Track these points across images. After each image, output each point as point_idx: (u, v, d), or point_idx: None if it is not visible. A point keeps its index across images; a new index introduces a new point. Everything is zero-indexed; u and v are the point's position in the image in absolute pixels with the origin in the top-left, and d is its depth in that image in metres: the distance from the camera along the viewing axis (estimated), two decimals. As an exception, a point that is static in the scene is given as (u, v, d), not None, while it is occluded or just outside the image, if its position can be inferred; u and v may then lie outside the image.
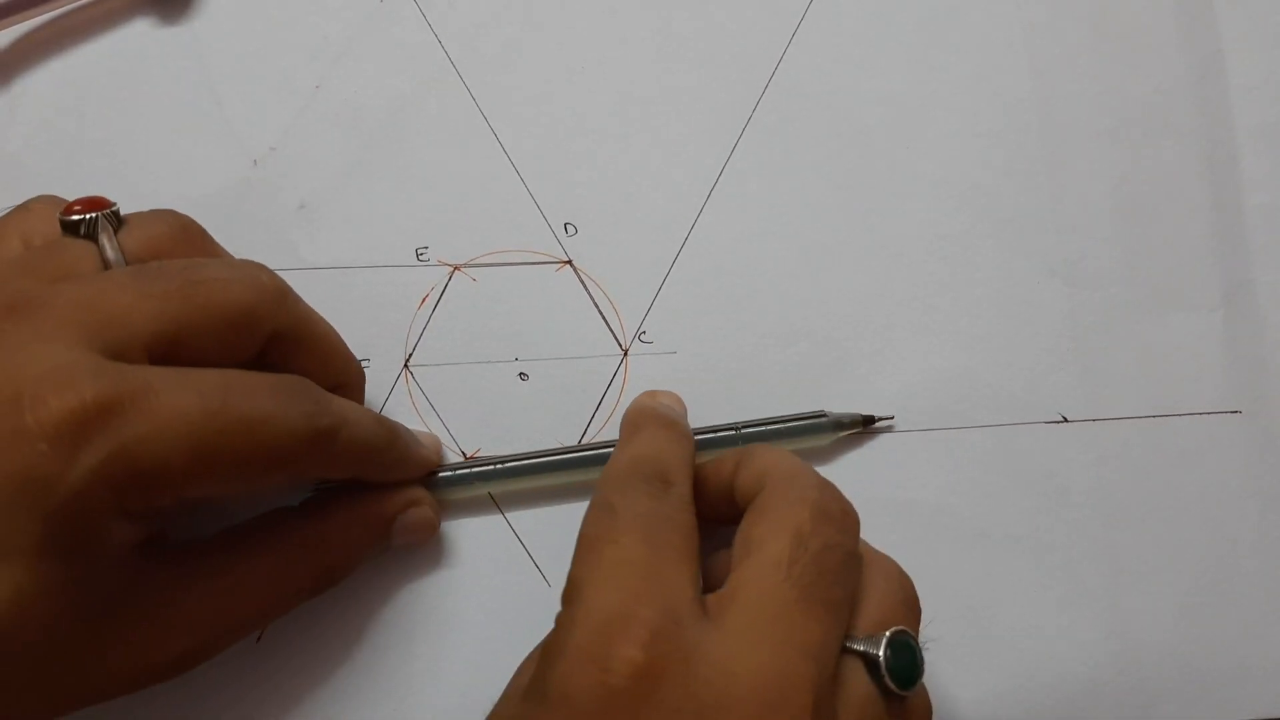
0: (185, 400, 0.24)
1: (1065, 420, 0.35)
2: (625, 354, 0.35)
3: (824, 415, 0.34)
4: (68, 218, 0.27)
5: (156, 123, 0.35)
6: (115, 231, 0.27)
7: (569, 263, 0.35)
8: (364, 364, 0.34)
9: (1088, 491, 0.35)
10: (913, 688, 0.25)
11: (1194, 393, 0.35)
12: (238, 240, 0.34)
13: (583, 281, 0.35)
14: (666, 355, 0.35)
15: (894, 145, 0.36)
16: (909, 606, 0.27)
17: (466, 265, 0.35)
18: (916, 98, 0.36)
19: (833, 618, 0.25)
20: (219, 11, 0.35)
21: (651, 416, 0.31)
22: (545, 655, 0.24)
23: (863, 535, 0.34)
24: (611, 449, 0.32)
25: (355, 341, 0.34)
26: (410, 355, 0.34)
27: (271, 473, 0.26)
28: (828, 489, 0.27)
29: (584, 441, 0.34)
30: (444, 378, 0.34)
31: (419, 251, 0.35)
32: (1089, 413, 0.35)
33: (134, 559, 0.25)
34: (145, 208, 0.34)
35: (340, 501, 0.30)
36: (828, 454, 0.34)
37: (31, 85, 0.35)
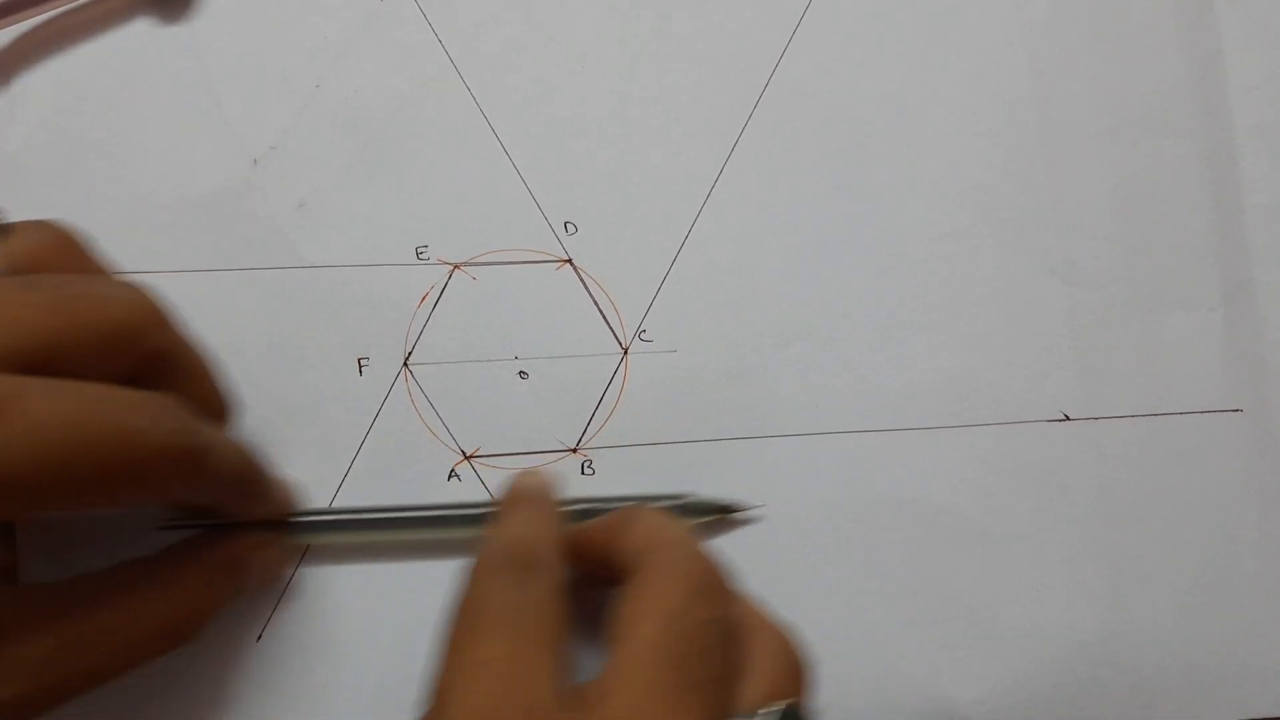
0: (53, 409, 0.23)
1: (1066, 419, 0.35)
2: (625, 353, 0.35)
3: (682, 499, 0.33)
4: None
5: (156, 123, 0.35)
6: None
7: (569, 261, 0.35)
8: (363, 363, 0.34)
9: (1088, 491, 0.35)
10: None
11: (1194, 392, 0.35)
12: (237, 239, 0.34)
13: (583, 280, 0.35)
14: (666, 354, 0.35)
15: (894, 145, 0.36)
16: (798, 676, 0.27)
17: (466, 264, 0.35)
18: (916, 98, 0.36)
19: (710, 700, 0.24)
20: (219, 11, 0.35)
21: (519, 498, 0.30)
22: None
23: (863, 535, 0.34)
24: (481, 509, 0.32)
25: (355, 340, 0.34)
26: (410, 354, 0.34)
27: (135, 489, 0.25)
28: (704, 561, 0.27)
29: (581, 440, 0.34)
30: (444, 376, 0.34)
31: (419, 250, 0.35)
32: (1089, 412, 0.35)
33: None
34: (145, 207, 0.34)
35: (192, 547, 0.30)
36: (828, 449, 0.34)
37: (31, 85, 0.35)
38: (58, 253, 0.28)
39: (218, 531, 0.30)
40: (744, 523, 0.34)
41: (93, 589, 0.28)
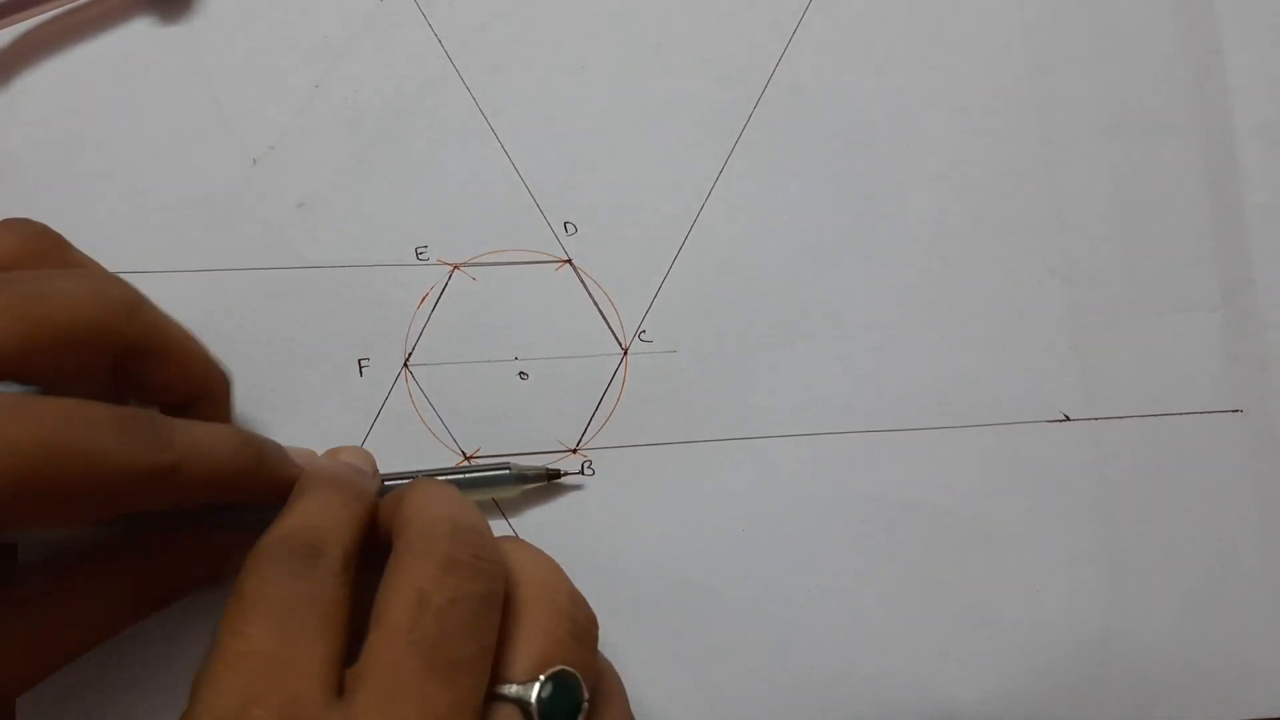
0: (17, 429, 0.23)
1: (1066, 419, 0.35)
2: (625, 353, 0.35)
3: (508, 468, 0.33)
4: None
5: (156, 122, 0.35)
6: None
7: (569, 262, 0.35)
8: (363, 363, 0.34)
9: (1088, 491, 0.35)
10: None
11: (1194, 392, 0.35)
12: (237, 239, 0.34)
13: (582, 281, 0.35)
14: (666, 354, 0.35)
15: (894, 145, 0.36)
16: (577, 637, 0.26)
17: (466, 264, 0.35)
18: (916, 97, 0.36)
19: (465, 677, 0.23)
20: (219, 11, 0.35)
21: (316, 481, 0.29)
22: None
23: (863, 535, 0.34)
24: (491, 473, 0.32)
25: (355, 341, 0.34)
26: (410, 354, 0.34)
27: (105, 509, 0.25)
28: (461, 533, 0.26)
29: (581, 440, 0.34)
30: (444, 377, 0.34)
31: (418, 250, 0.35)
32: (1089, 412, 0.35)
33: None
34: (145, 207, 0.34)
35: (173, 529, 0.29)
36: (827, 449, 0.34)
37: (31, 85, 0.35)
38: (27, 250, 0.28)
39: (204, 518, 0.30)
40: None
41: (66, 574, 0.28)
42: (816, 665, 0.33)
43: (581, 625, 0.27)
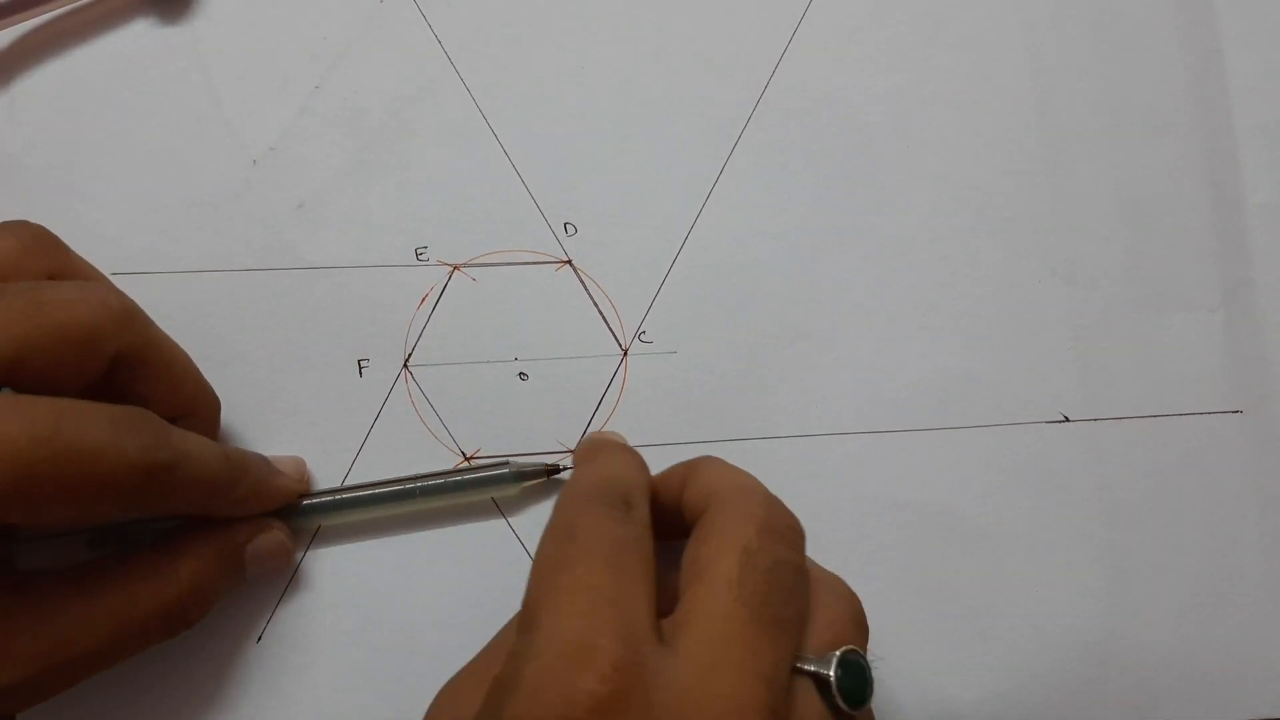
0: (12, 426, 0.23)
1: (1066, 420, 0.35)
2: (625, 354, 0.35)
3: (507, 466, 0.33)
4: None
5: (156, 123, 0.35)
6: None
7: (569, 262, 0.35)
8: (363, 364, 0.34)
9: (1088, 491, 0.35)
10: (863, 707, 0.25)
11: (1195, 392, 0.35)
12: (237, 240, 0.34)
13: (582, 281, 0.35)
14: (666, 355, 0.35)
15: (894, 145, 0.36)
16: (858, 625, 0.27)
17: (466, 265, 0.35)
18: (916, 98, 0.36)
19: (785, 637, 0.24)
20: (219, 11, 0.35)
21: (608, 442, 0.31)
22: (499, 685, 0.23)
23: (863, 535, 0.34)
24: (491, 472, 0.32)
25: (355, 342, 0.34)
26: (410, 355, 0.34)
27: (101, 506, 0.25)
28: (774, 504, 0.27)
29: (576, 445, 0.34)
30: (444, 377, 0.34)
31: (418, 251, 0.35)
32: (1089, 412, 0.35)
33: None
34: (145, 207, 0.34)
35: (189, 534, 0.29)
36: (827, 449, 0.34)
37: (31, 85, 0.35)
38: (26, 254, 0.28)
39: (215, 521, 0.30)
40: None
41: (90, 577, 0.28)
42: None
43: (862, 613, 0.27)
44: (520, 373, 0.34)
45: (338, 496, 0.32)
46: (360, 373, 0.34)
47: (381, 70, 0.35)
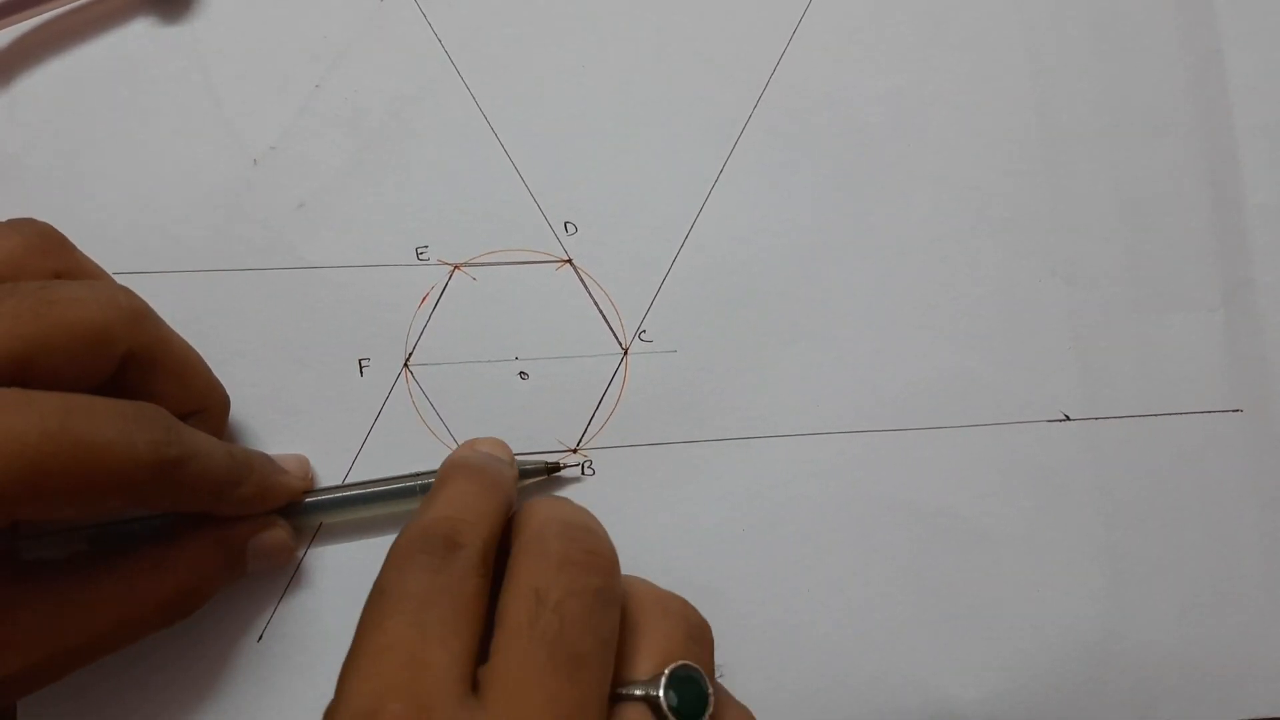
0: (21, 421, 0.23)
1: (1066, 419, 0.35)
2: (625, 353, 0.35)
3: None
4: None
5: (156, 123, 0.35)
6: None
7: (569, 262, 0.35)
8: (363, 363, 0.34)
9: (1088, 491, 0.35)
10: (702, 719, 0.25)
11: (1195, 392, 0.35)
12: (237, 240, 0.34)
13: (583, 281, 0.35)
14: (666, 354, 0.35)
15: (894, 145, 0.36)
16: (692, 639, 0.26)
17: (466, 264, 0.35)
18: (916, 98, 0.36)
19: (587, 670, 0.24)
20: (219, 11, 0.35)
21: (455, 469, 0.29)
22: None
23: (863, 534, 0.34)
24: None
25: (355, 341, 0.34)
26: (410, 355, 0.34)
27: (110, 500, 0.25)
28: (572, 532, 0.26)
29: (581, 440, 0.34)
30: (444, 377, 0.34)
31: (419, 251, 0.35)
32: (1089, 412, 0.35)
33: None
34: (145, 207, 0.34)
35: (191, 526, 0.30)
36: (827, 449, 0.34)
37: (31, 85, 0.35)
38: (32, 252, 0.28)
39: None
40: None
41: (90, 566, 0.28)
42: (816, 665, 0.33)
43: (697, 626, 0.27)
44: (521, 372, 0.34)
45: (340, 494, 0.32)
46: (361, 372, 0.34)
47: (381, 70, 0.35)
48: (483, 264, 0.35)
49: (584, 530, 0.27)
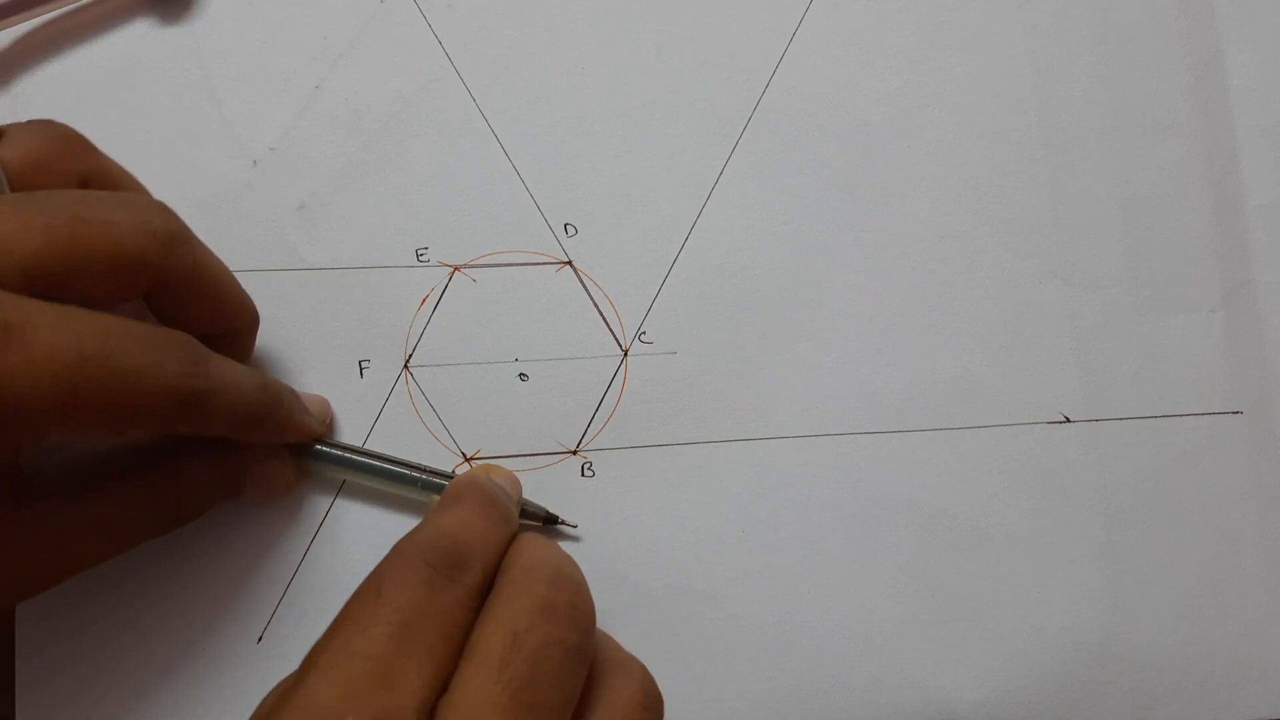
0: (60, 341, 0.23)
1: (1067, 421, 0.35)
2: (625, 354, 0.35)
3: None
4: None
5: (156, 123, 0.35)
6: None
7: (569, 263, 0.35)
8: (363, 365, 0.34)
9: (1089, 492, 0.35)
10: None
11: (1195, 393, 0.35)
12: (237, 240, 0.34)
13: (583, 282, 0.35)
14: (666, 355, 0.35)
15: (894, 145, 0.36)
16: (648, 708, 0.26)
17: (467, 266, 0.35)
18: (916, 98, 0.36)
19: None
20: (219, 11, 0.35)
21: (472, 490, 0.29)
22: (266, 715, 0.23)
23: (863, 535, 0.34)
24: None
25: (355, 342, 0.34)
26: (410, 356, 0.34)
27: (137, 426, 0.25)
28: (560, 581, 0.26)
29: (581, 441, 0.34)
30: (444, 378, 0.34)
31: (419, 252, 0.35)
32: (1090, 413, 0.35)
33: None
34: (145, 208, 0.34)
35: (196, 444, 0.29)
36: (828, 449, 0.34)
37: (31, 85, 0.35)
38: (56, 153, 0.28)
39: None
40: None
41: (91, 478, 0.28)
42: (816, 666, 0.33)
43: (654, 696, 0.27)
44: (521, 373, 0.34)
45: (348, 454, 0.32)
46: (361, 373, 0.34)
47: (381, 70, 0.35)
48: (483, 265, 0.35)
49: (571, 581, 0.26)
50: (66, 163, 0.28)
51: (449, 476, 0.33)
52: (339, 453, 0.32)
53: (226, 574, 0.33)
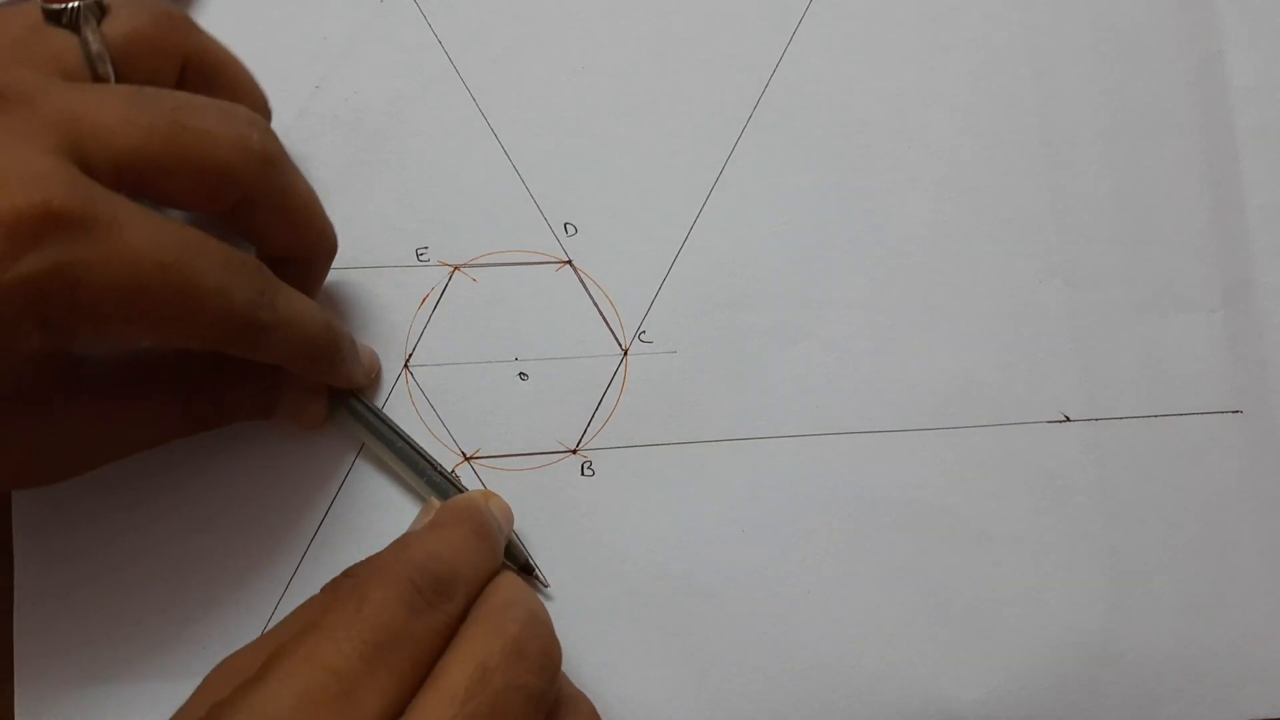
0: (142, 245, 0.23)
1: (1066, 420, 0.35)
2: (625, 354, 0.35)
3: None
4: (49, 6, 0.26)
5: (156, 123, 0.35)
6: (98, 23, 0.27)
7: (569, 263, 0.35)
8: (364, 364, 0.34)
9: (1089, 491, 0.35)
10: None
11: (1195, 393, 0.35)
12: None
13: (582, 281, 0.35)
14: (666, 355, 0.35)
15: (894, 145, 0.36)
16: None
17: (466, 265, 0.35)
18: (916, 98, 0.36)
19: None
20: (219, 11, 0.35)
21: (470, 516, 0.28)
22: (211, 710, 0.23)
23: (863, 535, 0.34)
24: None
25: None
26: (410, 355, 0.34)
27: (193, 342, 0.25)
28: (534, 625, 0.26)
29: (581, 441, 0.34)
30: (444, 378, 0.34)
31: (419, 252, 0.35)
32: (1090, 413, 0.35)
33: (29, 366, 0.25)
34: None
35: (238, 362, 0.29)
36: (827, 449, 0.34)
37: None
38: (160, 30, 0.28)
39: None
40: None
41: (132, 373, 0.28)
42: (816, 666, 0.33)
43: None
44: (520, 373, 0.34)
45: (377, 418, 0.33)
46: (361, 373, 0.34)
47: (381, 70, 0.35)
48: (483, 265, 0.35)
49: (545, 627, 0.26)
50: (170, 40, 0.28)
51: (453, 481, 0.33)
52: (368, 413, 0.33)
53: (228, 569, 0.33)
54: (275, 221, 0.28)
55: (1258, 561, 0.35)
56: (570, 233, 0.35)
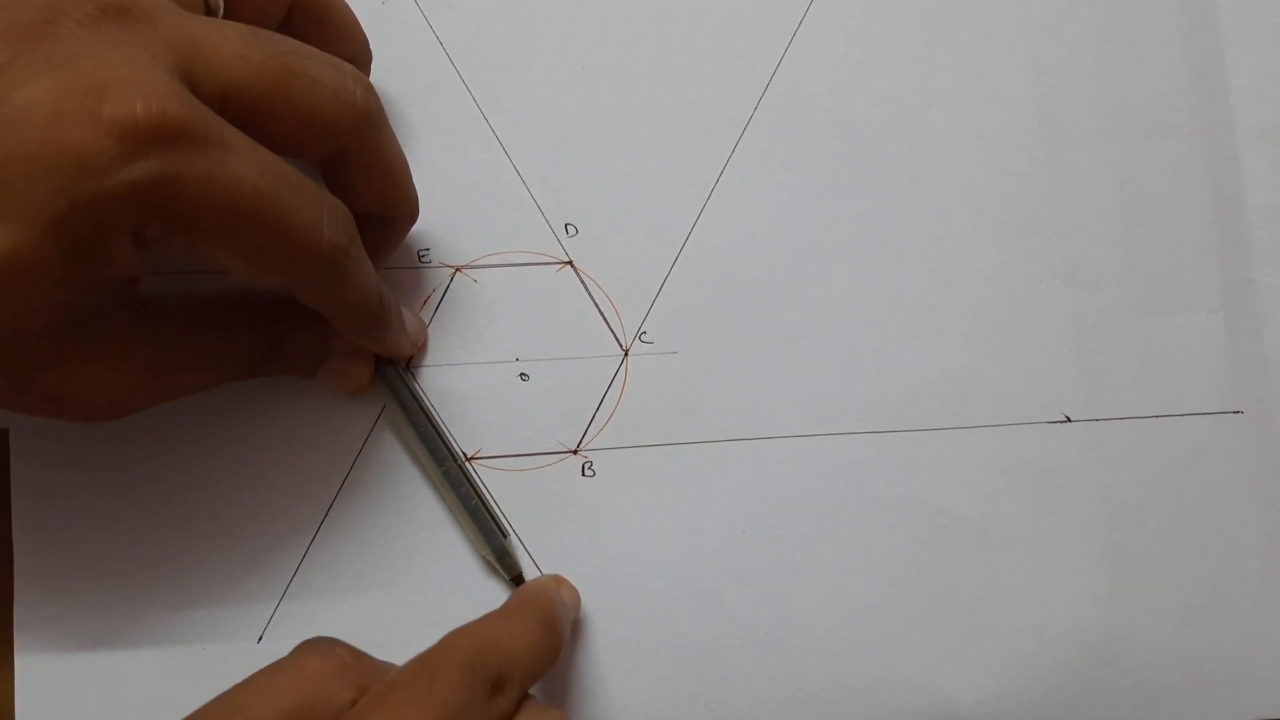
0: (244, 169, 0.24)
1: (1067, 420, 0.35)
2: (626, 354, 0.35)
3: (506, 535, 0.33)
4: None
5: (156, 123, 0.35)
6: None
7: (569, 263, 0.35)
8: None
9: (1089, 492, 0.35)
10: None
11: (1195, 393, 0.35)
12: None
13: (583, 282, 0.35)
14: (667, 355, 0.35)
15: (894, 145, 0.36)
16: None
17: (468, 267, 0.35)
18: (917, 98, 0.36)
19: None
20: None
21: (541, 607, 0.29)
22: None
23: (863, 535, 0.34)
24: (486, 536, 0.32)
25: (356, 342, 0.34)
26: (412, 356, 0.34)
27: (274, 275, 0.26)
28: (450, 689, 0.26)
29: (582, 441, 0.34)
30: (445, 378, 0.34)
31: (420, 254, 0.35)
32: (1091, 413, 0.35)
33: (108, 291, 0.25)
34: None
35: (298, 314, 0.30)
36: (827, 449, 0.34)
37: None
38: None
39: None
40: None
41: (199, 314, 0.29)
42: (817, 666, 0.33)
43: None
44: (521, 373, 0.34)
45: (410, 394, 0.33)
46: (361, 374, 0.34)
47: (382, 71, 0.35)
48: (484, 266, 0.35)
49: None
50: None
51: (472, 484, 0.33)
52: (405, 388, 0.33)
53: (225, 573, 0.33)
54: (365, 178, 0.29)
55: (1258, 562, 0.35)
56: (571, 233, 0.35)
